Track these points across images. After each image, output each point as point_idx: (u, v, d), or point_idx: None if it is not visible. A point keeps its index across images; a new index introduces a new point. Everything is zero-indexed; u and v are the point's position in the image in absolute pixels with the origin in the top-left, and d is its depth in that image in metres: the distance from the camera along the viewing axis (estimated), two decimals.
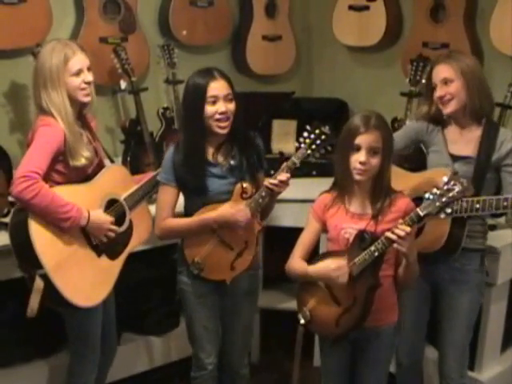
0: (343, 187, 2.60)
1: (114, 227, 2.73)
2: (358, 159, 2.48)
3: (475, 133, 2.86)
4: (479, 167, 2.79)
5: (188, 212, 2.83)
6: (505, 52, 3.66)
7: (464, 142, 2.87)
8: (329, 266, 2.53)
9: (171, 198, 2.81)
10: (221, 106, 2.69)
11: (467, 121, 2.86)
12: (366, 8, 4.28)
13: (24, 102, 3.74)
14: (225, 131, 2.73)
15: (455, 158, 2.86)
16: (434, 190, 2.33)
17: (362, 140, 2.47)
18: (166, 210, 2.80)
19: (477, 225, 2.85)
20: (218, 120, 2.70)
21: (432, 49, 3.90)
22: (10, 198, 3.27)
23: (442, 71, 2.82)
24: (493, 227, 3.32)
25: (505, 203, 2.63)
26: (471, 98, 2.80)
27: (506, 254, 3.20)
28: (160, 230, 2.83)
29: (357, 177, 2.52)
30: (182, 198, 2.86)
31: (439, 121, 2.93)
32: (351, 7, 4.34)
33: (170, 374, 3.76)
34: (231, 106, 2.72)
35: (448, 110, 2.83)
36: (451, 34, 3.89)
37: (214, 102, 2.68)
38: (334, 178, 2.67)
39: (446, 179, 2.33)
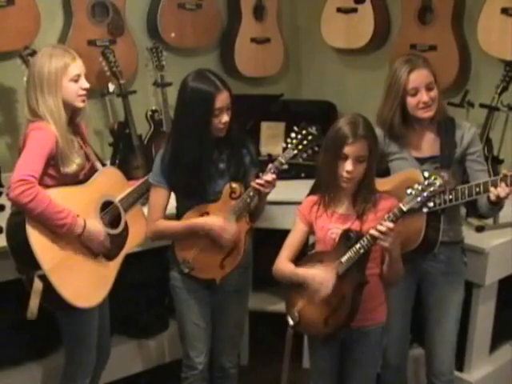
0: (329, 190, 2.62)
1: (106, 242, 2.74)
2: (344, 168, 2.51)
3: (430, 132, 2.88)
4: (445, 164, 2.80)
5: (180, 212, 2.86)
6: (492, 54, 3.69)
7: (422, 143, 2.88)
8: (315, 276, 2.55)
9: (162, 200, 2.84)
10: (224, 117, 2.72)
11: (426, 123, 2.86)
12: (354, 10, 4.29)
13: (12, 104, 3.73)
14: (222, 135, 2.78)
15: (421, 160, 2.86)
16: (416, 186, 2.38)
17: (349, 150, 2.49)
18: (157, 211, 2.84)
19: (455, 218, 2.88)
20: (219, 129, 2.74)
21: (420, 51, 3.89)
22: None
23: (426, 76, 2.76)
24: (481, 228, 3.34)
25: (477, 189, 2.65)
26: (441, 100, 2.83)
27: (494, 256, 3.21)
28: (151, 233, 2.87)
29: (343, 184, 2.55)
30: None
31: (396, 132, 2.87)
32: (339, 10, 4.35)
33: (163, 375, 3.74)
34: (229, 114, 2.75)
35: (428, 114, 2.79)
36: (439, 36, 3.90)
37: (218, 114, 2.71)
38: (316, 181, 2.68)
39: (426, 174, 2.38)
